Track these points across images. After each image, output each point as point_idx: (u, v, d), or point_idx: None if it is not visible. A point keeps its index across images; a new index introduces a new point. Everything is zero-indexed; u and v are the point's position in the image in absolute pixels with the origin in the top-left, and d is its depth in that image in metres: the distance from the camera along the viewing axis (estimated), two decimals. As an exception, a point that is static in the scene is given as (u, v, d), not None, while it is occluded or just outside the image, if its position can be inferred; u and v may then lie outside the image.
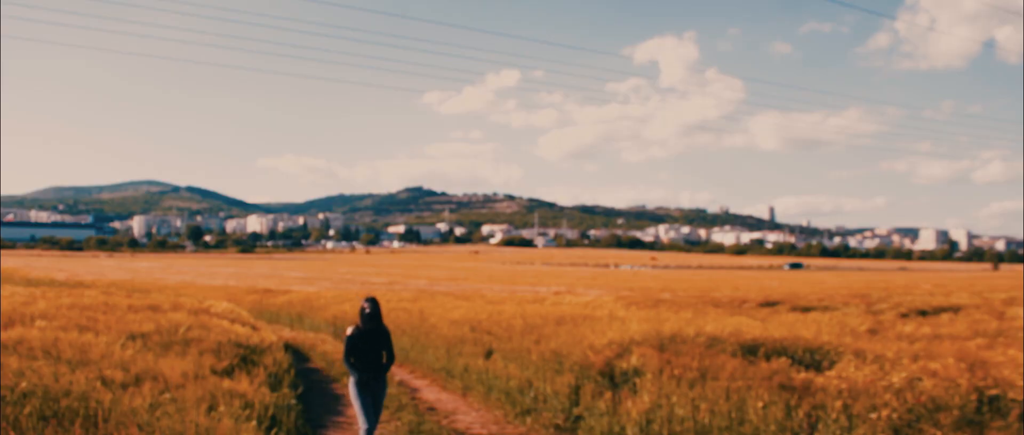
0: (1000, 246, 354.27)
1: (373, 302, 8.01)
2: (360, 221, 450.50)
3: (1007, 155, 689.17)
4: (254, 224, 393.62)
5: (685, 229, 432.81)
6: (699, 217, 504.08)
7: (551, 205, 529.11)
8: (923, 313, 23.37)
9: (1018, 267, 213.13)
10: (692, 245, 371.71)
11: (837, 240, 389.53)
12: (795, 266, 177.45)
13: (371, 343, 7.96)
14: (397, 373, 15.36)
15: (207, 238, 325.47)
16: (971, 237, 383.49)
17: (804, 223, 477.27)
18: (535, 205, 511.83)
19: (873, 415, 7.52)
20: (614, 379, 10.48)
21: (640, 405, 9.40)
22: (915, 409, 7.60)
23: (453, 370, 14.97)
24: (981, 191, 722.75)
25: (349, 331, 7.96)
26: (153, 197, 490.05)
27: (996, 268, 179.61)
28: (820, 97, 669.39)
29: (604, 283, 64.09)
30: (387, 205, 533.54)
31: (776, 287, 50.41)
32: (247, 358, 11.92)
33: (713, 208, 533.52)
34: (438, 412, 11.99)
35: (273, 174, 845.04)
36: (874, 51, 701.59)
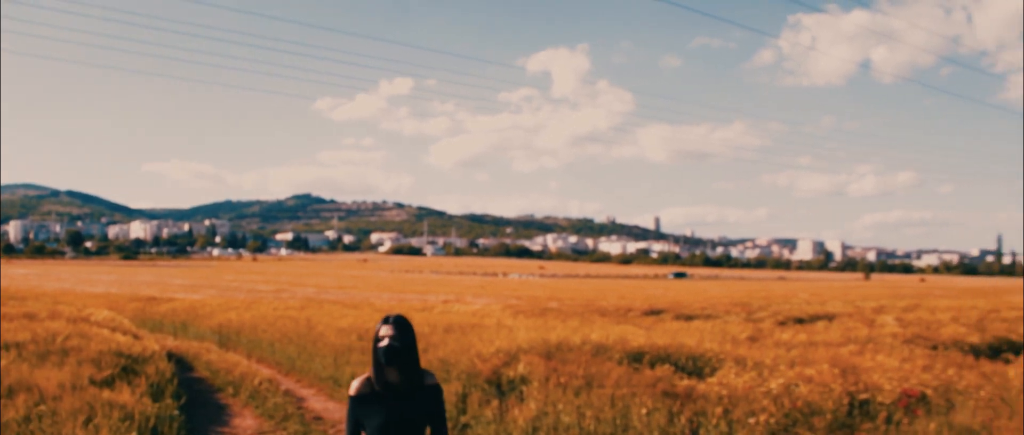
0: (871, 256, 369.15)
1: (401, 325, 3.97)
2: (248, 228, 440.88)
3: (880, 170, 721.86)
4: (138, 230, 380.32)
5: (573, 238, 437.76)
6: (587, 227, 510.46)
7: (441, 214, 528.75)
8: (800, 321, 24.12)
9: (888, 276, 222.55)
10: (580, 254, 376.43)
11: (720, 250, 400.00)
12: (679, 275, 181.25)
13: (399, 414, 3.97)
14: (283, 383, 15.07)
15: (88, 244, 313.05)
16: (845, 248, 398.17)
17: (689, 233, 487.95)
18: (425, 213, 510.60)
19: (752, 420, 7.73)
20: (501, 387, 10.50)
21: (527, 413, 9.44)
22: (791, 414, 7.84)
23: (340, 379, 14.77)
24: (855, 204, 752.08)
25: (355, 388, 4.06)
26: (30, 201, 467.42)
27: (868, 278, 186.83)
28: (707, 111, 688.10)
29: (493, 292, 64.26)
30: (275, 212, 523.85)
31: (661, 296, 51.42)
32: (128, 368, 11.51)
33: (601, 218, 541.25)
34: (325, 421, 11.81)
35: (158, 179, 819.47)
36: (759, 67, 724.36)
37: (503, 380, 10.59)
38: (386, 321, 3.99)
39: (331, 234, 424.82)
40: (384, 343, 3.90)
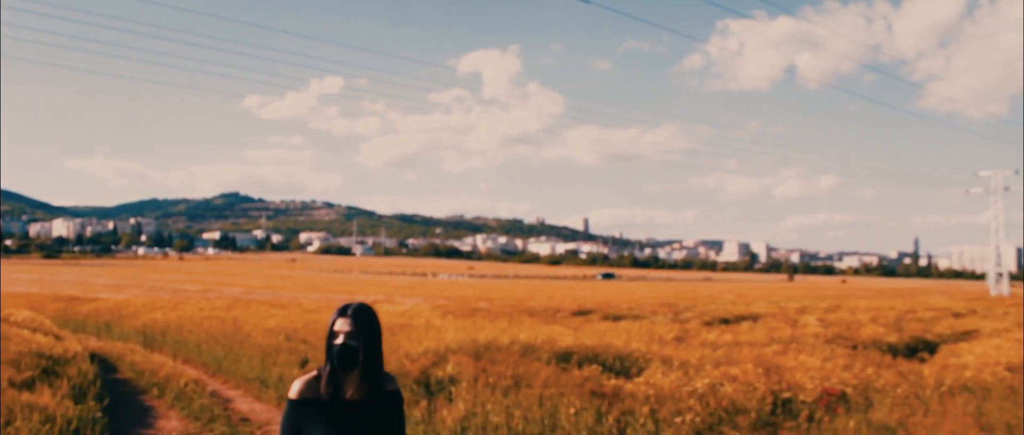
0: (795, 258, 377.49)
1: (362, 317, 3.18)
2: (174, 227, 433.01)
3: (804, 174, 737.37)
4: (60, 228, 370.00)
5: (502, 239, 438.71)
6: (516, 227, 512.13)
7: (370, 214, 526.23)
8: (726, 321, 24.45)
9: (811, 278, 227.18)
10: (509, 255, 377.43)
11: (648, 251, 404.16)
12: (608, 276, 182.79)
13: (350, 427, 3.18)
14: (210, 384, 14.81)
15: (8, 242, 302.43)
16: (770, 250, 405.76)
17: (617, 235, 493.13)
18: (354, 213, 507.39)
19: (678, 419, 7.82)
20: (430, 387, 10.47)
21: (455, 413, 9.42)
22: (717, 413, 7.96)
23: (268, 380, 14.58)
24: (780, 206, 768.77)
25: (297, 390, 3.19)
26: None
27: (791, 279, 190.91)
28: (637, 113, 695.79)
29: (422, 292, 64.11)
30: (202, 211, 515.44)
31: (589, 296, 51.82)
32: (49, 369, 11.23)
33: (530, 219, 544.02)
34: (252, 423, 11.64)
35: (82, 176, 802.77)
36: (688, 71, 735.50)
37: (432, 380, 10.55)
38: (343, 312, 3.16)
39: (259, 234, 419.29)
40: (339, 341, 3.11)
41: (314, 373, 3.19)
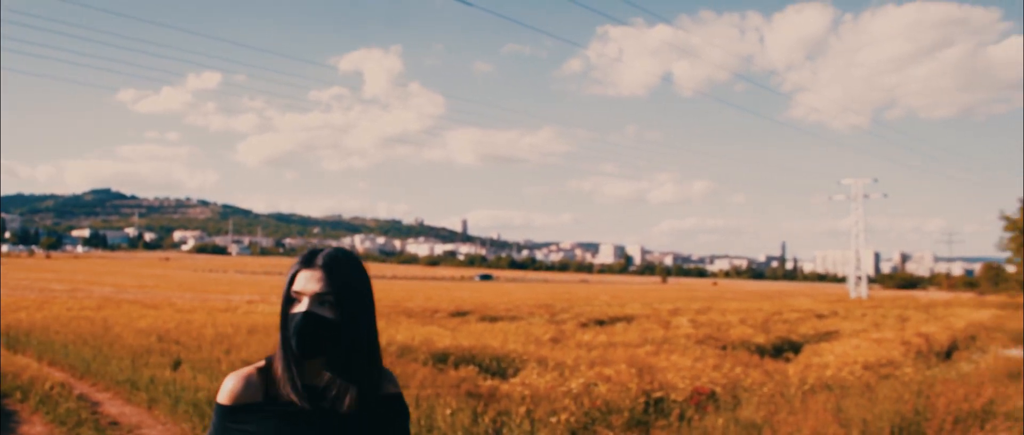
0: (669, 261, 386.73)
1: (336, 268, 1.95)
2: (41, 223, 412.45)
3: (678, 178, 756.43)
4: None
5: (381, 240, 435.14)
6: (395, 228, 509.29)
7: (247, 212, 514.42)
8: (601, 322, 24.81)
9: (683, 280, 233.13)
10: (388, 255, 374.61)
11: (525, 253, 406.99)
12: (486, 277, 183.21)
13: None
14: (77, 387, 14.20)
15: None
16: (644, 252, 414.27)
17: (495, 236, 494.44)
18: (230, 212, 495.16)
19: (553, 419, 7.88)
20: (304, 390, 10.30)
21: (330, 415, 9.29)
22: (591, 412, 8.06)
23: (138, 382, 14.08)
24: (655, 210, 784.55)
25: (231, 390, 1.96)
26: None
27: (665, 281, 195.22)
28: (517, 116, 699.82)
29: (298, 293, 62.92)
30: (71, 207, 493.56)
31: (467, 297, 51.83)
32: None
33: (409, 220, 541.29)
34: (121, 426, 11.22)
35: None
36: (568, 76, 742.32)
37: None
38: (309, 260, 1.96)
39: (131, 231, 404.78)
40: (301, 308, 1.91)
41: (260, 365, 2.03)
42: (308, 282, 1.93)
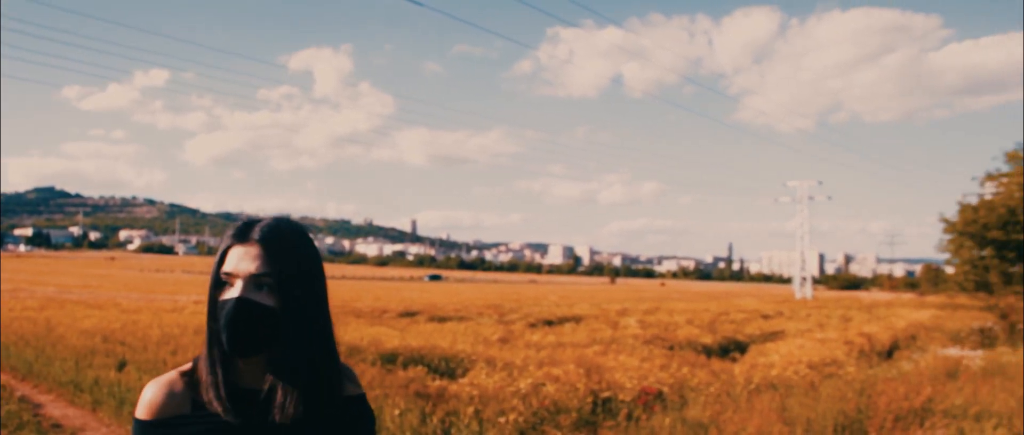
0: (617, 262, 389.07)
1: (279, 239, 1.61)
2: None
3: (627, 179, 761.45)
4: None
5: (330, 240, 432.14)
6: (344, 228, 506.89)
7: (194, 212, 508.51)
8: (550, 323, 24.85)
9: (632, 281, 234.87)
10: (337, 255, 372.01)
11: (475, 254, 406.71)
12: (435, 278, 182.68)
13: None
14: (18, 388, 13.90)
15: None
16: (593, 253, 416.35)
17: (445, 236, 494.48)
18: (177, 211, 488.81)
19: (502, 419, 7.89)
20: (250, 391, 10.20)
21: (277, 417, 9.21)
22: (539, 412, 8.08)
23: (82, 383, 13.83)
24: (604, 211, 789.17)
25: (152, 402, 1.61)
26: None
27: (613, 282, 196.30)
28: (467, 117, 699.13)
29: (245, 293, 62.24)
30: (13, 205, 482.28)
31: (416, 298, 51.68)
32: None
33: (358, 220, 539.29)
34: (64, 429, 11.01)
35: None
36: (518, 76, 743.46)
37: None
38: (243, 234, 1.63)
39: (76, 230, 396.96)
40: (231, 294, 1.55)
41: (186, 367, 1.66)
42: (242, 260, 1.57)
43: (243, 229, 1.64)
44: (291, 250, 1.61)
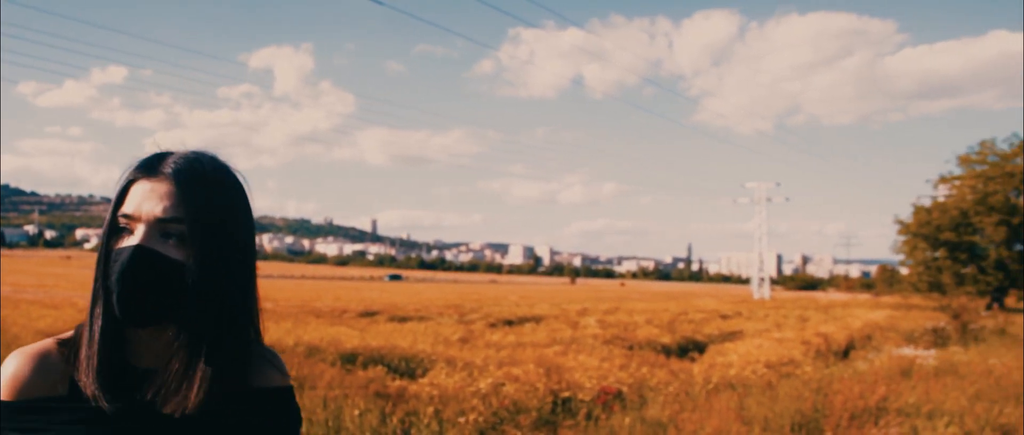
0: (578, 262, 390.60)
1: (194, 177, 1.21)
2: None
3: (587, 180, 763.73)
4: None
5: (289, 239, 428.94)
6: (304, 228, 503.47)
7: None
8: (510, 323, 24.83)
9: (592, 281, 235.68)
10: (296, 255, 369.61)
11: (435, 253, 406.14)
12: (395, 277, 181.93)
13: None
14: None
15: None
16: (554, 253, 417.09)
17: (405, 236, 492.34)
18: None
19: (462, 419, 7.88)
20: (208, 391, 10.09)
21: (235, 417, 9.12)
22: (499, 412, 8.09)
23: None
24: (564, 211, 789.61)
25: (15, 375, 1.19)
26: None
27: (574, 282, 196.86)
28: (427, 117, 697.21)
29: (202, 292, 61.52)
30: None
31: (376, 298, 51.40)
32: None
33: (318, 219, 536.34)
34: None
35: None
36: (479, 77, 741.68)
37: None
38: (150, 167, 1.24)
39: (31, 229, 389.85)
40: (130, 241, 1.19)
41: (66, 335, 1.33)
42: (146, 200, 1.20)
43: (152, 161, 1.24)
44: (211, 191, 1.23)
